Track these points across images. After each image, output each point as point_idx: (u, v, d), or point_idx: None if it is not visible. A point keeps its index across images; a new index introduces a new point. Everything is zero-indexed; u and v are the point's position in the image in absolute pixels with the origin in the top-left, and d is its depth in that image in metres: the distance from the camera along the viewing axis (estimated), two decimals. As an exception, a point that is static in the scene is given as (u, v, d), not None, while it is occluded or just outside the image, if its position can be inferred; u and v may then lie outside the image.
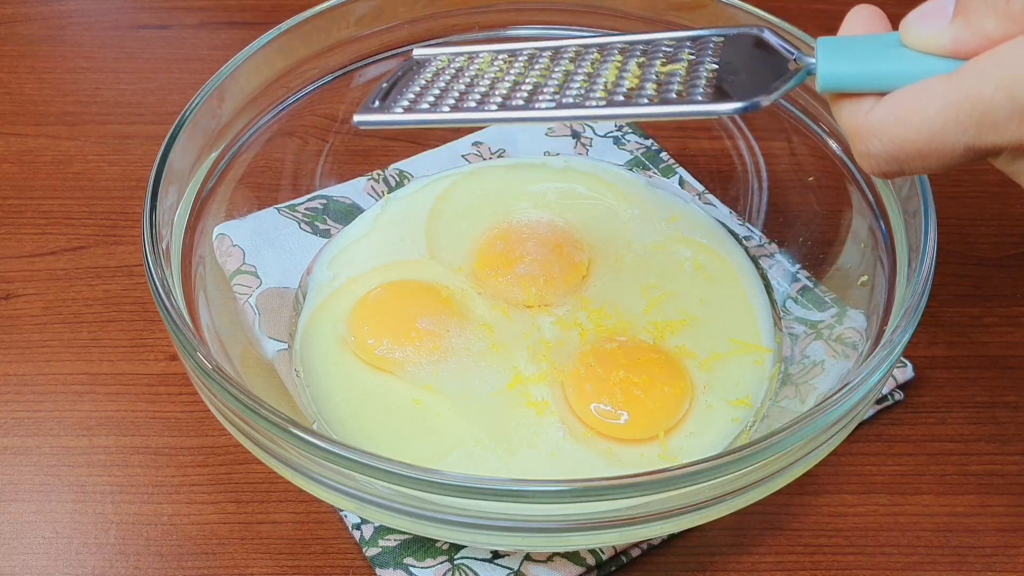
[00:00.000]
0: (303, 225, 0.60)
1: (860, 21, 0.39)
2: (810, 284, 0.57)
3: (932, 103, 0.35)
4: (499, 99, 0.42)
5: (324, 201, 0.62)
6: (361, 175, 0.64)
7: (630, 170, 0.65)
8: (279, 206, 0.61)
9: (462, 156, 0.66)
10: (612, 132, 0.67)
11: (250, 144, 0.58)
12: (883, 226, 0.52)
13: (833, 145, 0.56)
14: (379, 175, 0.64)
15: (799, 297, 0.57)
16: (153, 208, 0.48)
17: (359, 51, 0.60)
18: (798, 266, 0.58)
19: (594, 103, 0.41)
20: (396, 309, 0.55)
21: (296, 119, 0.60)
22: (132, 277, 0.62)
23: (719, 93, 0.40)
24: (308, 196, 0.62)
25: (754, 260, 0.59)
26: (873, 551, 0.50)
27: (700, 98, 0.39)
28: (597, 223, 0.61)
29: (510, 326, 0.55)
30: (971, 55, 0.35)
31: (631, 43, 0.44)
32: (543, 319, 0.56)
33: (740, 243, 0.60)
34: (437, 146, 0.66)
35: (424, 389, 0.52)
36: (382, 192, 0.63)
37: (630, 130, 0.67)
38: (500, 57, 0.45)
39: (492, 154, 0.66)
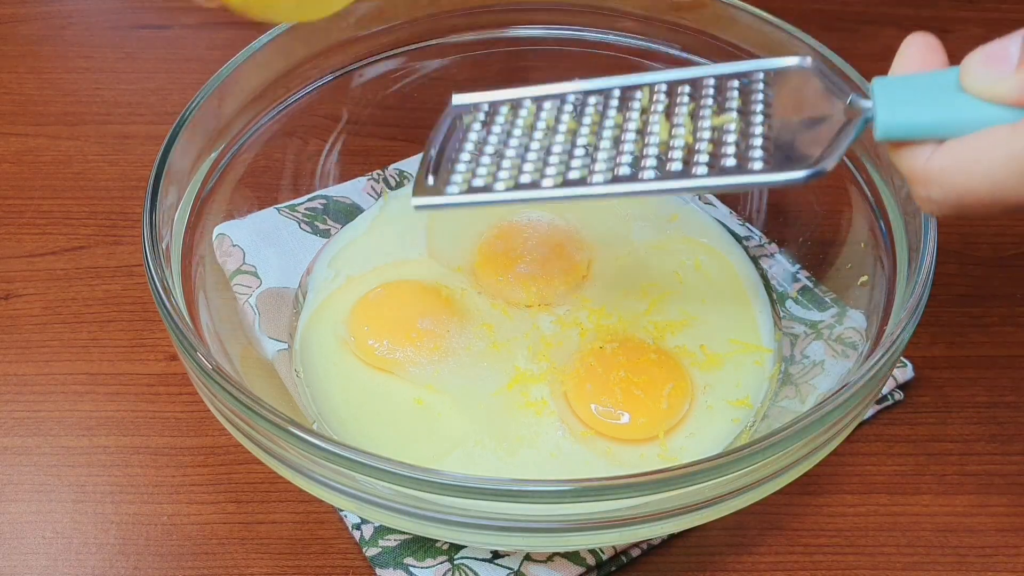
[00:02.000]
0: (303, 225, 0.60)
1: (916, 53, 0.38)
2: (810, 284, 0.57)
3: (996, 153, 0.34)
4: (554, 171, 0.41)
5: (324, 201, 0.62)
6: (361, 175, 0.64)
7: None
8: (279, 206, 0.61)
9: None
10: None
11: (250, 144, 0.58)
12: (883, 226, 0.52)
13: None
14: (379, 175, 0.64)
15: (799, 297, 0.57)
16: (153, 208, 0.48)
17: (359, 51, 0.60)
18: (798, 266, 0.58)
19: (650, 172, 0.39)
20: (396, 309, 0.55)
21: (296, 119, 0.60)
22: (132, 277, 0.62)
23: (777, 153, 0.38)
24: (308, 196, 0.62)
25: (754, 260, 0.59)
26: (873, 551, 0.50)
27: (760, 166, 0.38)
28: (597, 223, 0.61)
29: (510, 326, 0.55)
30: None
31: (676, 82, 0.42)
32: (543, 319, 0.56)
33: (740, 243, 0.60)
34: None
35: (424, 389, 0.52)
36: (382, 192, 0.63)
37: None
38: (545, 107, 0.43)
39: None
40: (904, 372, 0.56)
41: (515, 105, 0.44)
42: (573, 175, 0.40)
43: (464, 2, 0.61)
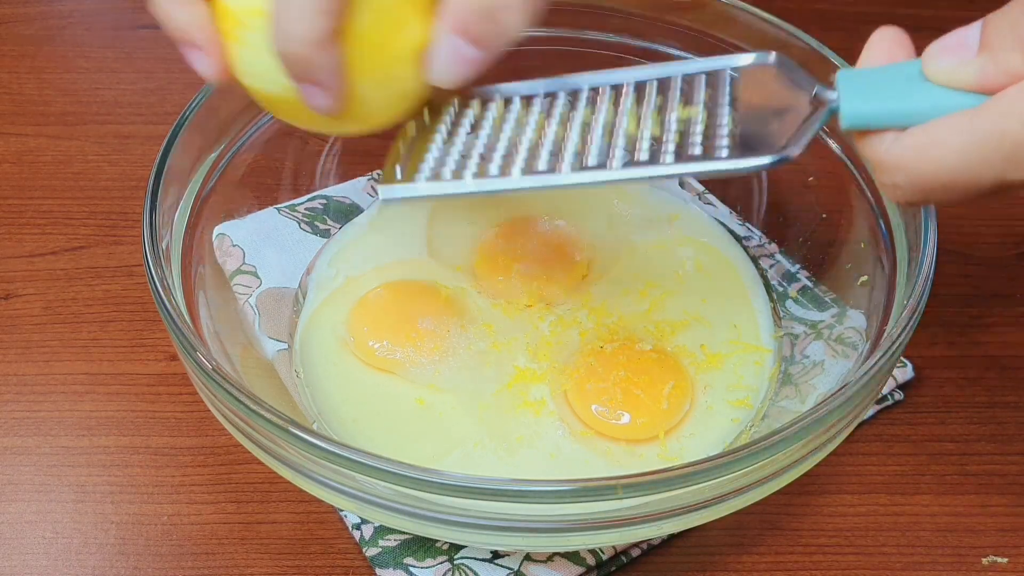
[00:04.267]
0: (303, 225, 0.60)
1: (883, 47, 0.38)
2: (810, 284, 0.57)
3: (958, 138, 0.34)
4: (522, 162, 0.42)
5: (324, 201, 0.62)
6: (361, 175, 0.64)
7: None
8: (279, 206, 0.61)
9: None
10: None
11: (250, 144, 0.57)
12: (883, 226, 0.52)
13: (833, 145, 0.56)
14: (379, 175, 0.64)
15: (799, 297, 0.57)
16: (153, 208, 0.48)
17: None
18: (798, 266, 0.58)
19: (618, 162, 0.40)
20: (396, 309, 0.55)
21: (296, 119, 0.60)
22: (132, 277, 0.62)
23: (743, 142, 0.39)
24: (308, 196, 0.62)
25: (754, 260, 0.59)
26: (873, 551, 0.50)
27: (725, 154, 0.39)
28: (597, 223, 0.60)
29: (510, 325, 0.55)
30: (997, 90, 0.34)
31: (645, 79, 0.43)
32: (543, 318, 0.56)
33: (740, 243, 0.60)
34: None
35: (426, 389, 0.52)
36: (382, 192, 0.63)
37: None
38: (515, 102, 0.45)
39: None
40: (904, 372, 0.56)
41: (485, 100, 0.45)
42: (541, 166, 0.41)
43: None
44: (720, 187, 0.63)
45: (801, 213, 0.60)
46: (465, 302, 0.56)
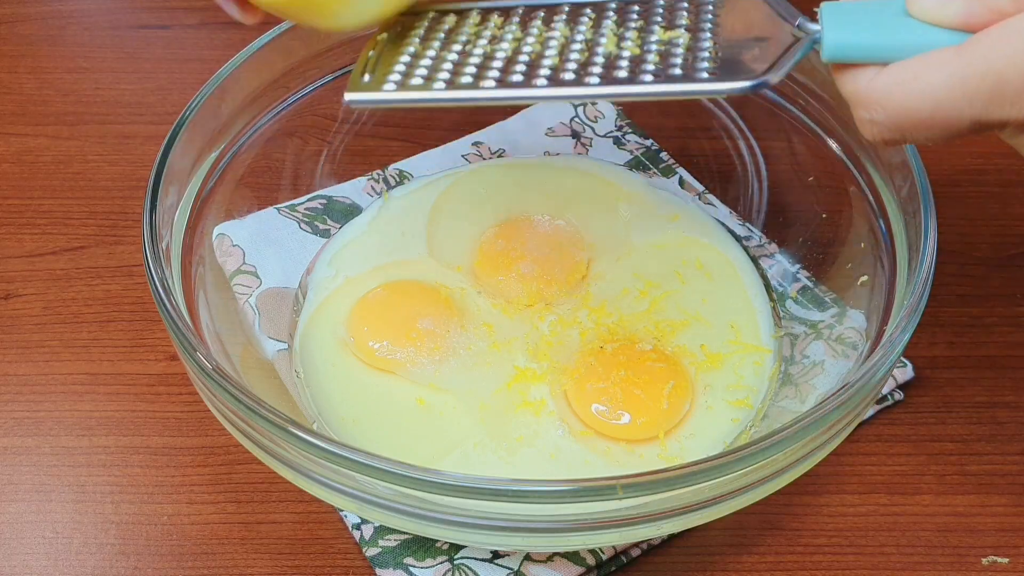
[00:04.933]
0: (303, 225, 0.60)
1: None
2: (810, 284, 0.57)
3: (940, 74, 0.34)
4: (496, 73, 0.40)
5: (324, 201, 0.62)
6: (361, 175, 0.64)
7: (630, 170, 0.65)
8: (279, 206, 0.61)
9: (462, 156, 0.66)
10: (612, 132, 0.67)
11: (250, 144, 0.58)
12: (883, 226, 0.52)
13: (833, 145, 0.56)
14: (379, 175, 0.64)
15: (799, 297, 0.57)
16: (153, 208, 0.48)
17: (359, 51, 0.60)
18: (798, 266, 0.58)
19: (595, 79, 0.39)
20: (395, 310, 0.55)
21: (296, 119, 0.60)
22: (132, 277, 0.62)
23: (724, 66, 0.39)
24: (308, 196, 0.62)
25: (754, 260, 0.59)
26: (873, 551, 0.50)
27: (706, 76, 0.38)
28: (597, 223, 0.60)
29: (510, 325, 0.55)
30: (980, 28, 0.34)
31: (626, 1, 0.43)
32: (543, 318, 0.55)
33: (740, 243, 0.60)
34: (437, 146, 0.66)
35: (425, 389, 0.52)
36: (382, 192, 0.63)
37: (630, 130, 0.67)
38: (492, 17, 0.44)
39: (492, 154, 0.66)
40: (904, 372, 0.55)
41: (461, 14, 0.44)
42: (515, 79, 0.40)
43: (463, 2, 0.61)
44: (720, 187, 0.63)
45: (801, 213, 0.60)
46: (465, 302, 0.56)
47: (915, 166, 0.49)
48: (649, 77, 0.39)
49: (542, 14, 0.43)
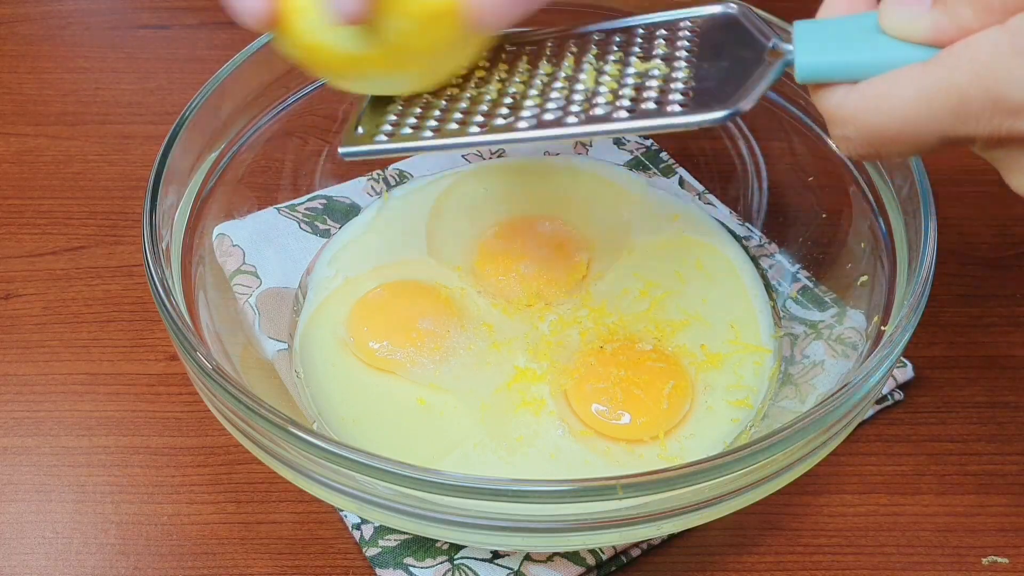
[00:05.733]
0: (303, 225, 0.60)
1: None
2: (810, 284, 0.57)
3: (907, 91, 0.35)
4: (480, 119, 0.42)
5: (324, 201, 0.62)
6: (361, 175, 0.64)
7: (630, 170, 0.65)
8: (279, 206, 0.61)
9: (462, 156, 0.66)
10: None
11: (250, 144, 0.58)
12: (883, 226, 0.52)
13: (833, 145, 0.56)
14: (379, 175, 0.64)
15: (799, 297, 0.57)
16: (153, 208, 0.48)
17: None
18: (798, 266, 0.58)
19: (574, 118, 0.40)
20: (395, 310, 0.55)
21: (296, 119, 0.60)
22: (132, 277, 0.62)
23: (697, 96, 0.39)
24: (308, 196, 0.62)
25: (754, 260, 0.59)
26: (873, 551, 0.50)
27: (679, 109, 0.39)
28: (597, 223, 0.60)
29: (510, 325, 0.55)
30: (948, 43, 0.35)
31: (607, 32, 0.44)
32: (543, 318, 0.56)
33: (740, 243, 0.60)
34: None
35: (425, 389, 0.52)
36: (382, 192, 0.63)
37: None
38: (480, 60, 0.45)
39: (492, 154, 0.66)
40: (904, 372, 0.55)
41: None
42: (498, 123, 0.42)
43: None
44: (720, 187, 0.63)
45: (801, 213, 0.60)
46: (465, 302, 0.56)
47: (915, 166, 0.49)
48: (624, 114, 0.40)
49: (528, 49, 0.45)
